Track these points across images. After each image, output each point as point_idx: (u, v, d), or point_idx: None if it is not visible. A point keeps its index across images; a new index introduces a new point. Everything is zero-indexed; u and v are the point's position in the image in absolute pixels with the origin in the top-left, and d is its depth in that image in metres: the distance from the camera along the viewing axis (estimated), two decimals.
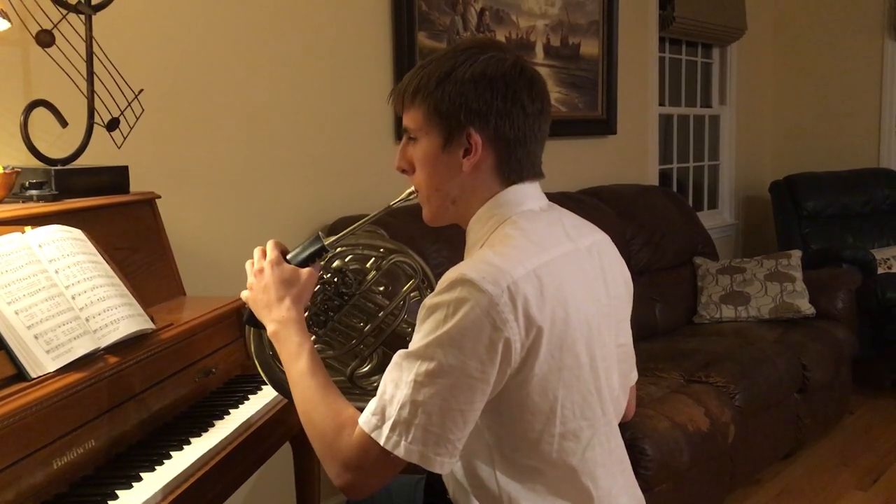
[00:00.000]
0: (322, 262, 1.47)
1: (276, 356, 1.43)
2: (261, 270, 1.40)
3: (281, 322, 1.36)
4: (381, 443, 1.17)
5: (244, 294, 1.43)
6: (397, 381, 1.18)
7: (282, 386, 1.43)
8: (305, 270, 1.40)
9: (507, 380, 1.20)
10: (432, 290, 1.54)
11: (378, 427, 1.18)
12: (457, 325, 1.15)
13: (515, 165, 1.29)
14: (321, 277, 1.49)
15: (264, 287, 1.38)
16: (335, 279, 1.50)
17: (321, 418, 1.25)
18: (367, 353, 1.51)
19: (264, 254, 1.42)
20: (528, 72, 1.29)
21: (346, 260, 1.52)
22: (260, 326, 1.42)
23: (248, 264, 1.43)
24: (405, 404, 1.16)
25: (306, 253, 1.42)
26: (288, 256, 1.42)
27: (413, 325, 1.54)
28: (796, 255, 4.09)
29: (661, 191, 4.49)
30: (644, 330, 3.72)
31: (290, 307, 1.36)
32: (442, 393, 1.15)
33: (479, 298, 1.15)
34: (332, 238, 1.46)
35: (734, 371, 3.16)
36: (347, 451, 1.21)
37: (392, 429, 1.17)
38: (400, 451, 1.16)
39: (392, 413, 1.17)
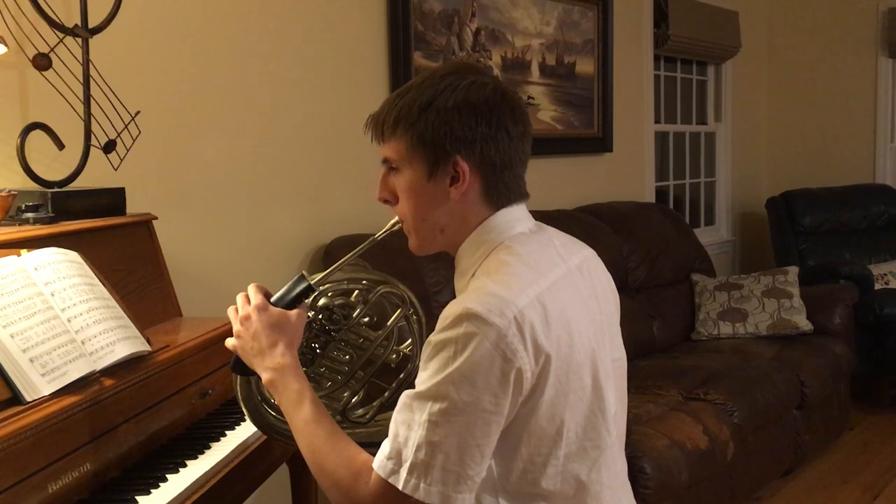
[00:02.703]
0: (308, 301, 1.43)
1: (264, 401, 1.42)
2: (247, 317, 1.35)
3: (276, 369, 1.32)
4: (400, 487, 1.15)
5: (230, 342, 1.38)
6: (409, 423, 1.16)
7: (273, 430, 1.42)
8: (294, 312, 1.36)
9: (518, 408, 1.19)
10: (419, 317, 1.53)
11: (395, 472, 1.16)
12: (467, 360, 1.13)
13: (503, 189, 1.29)
14: (307, 316, 1.44)
15: (253, 334, 1.34)
16: (320, 316, 1.47)
17: (334, 467, 1.23)
18: (359, 386, 1.49)
19: (248, 299, 1.37)
20: (509, 95, 1.29)
21: (331, 296, 1.49)
22: (248, 373, 1.38)
23: (230, 311, 1.39)
24: (421, 446, 1.14)
25: (292, 294, 1.37)
26: (272, 299, 1.37)
27: (398, 353, 1.54)
28: (793, 271, 4.09)
29: (657, 208, 4.50)
30: (642, 347, 3.72)
31: (285, 352, 1.32)
32: (458, 431, 1.14)
33: (487, 332, 1.13)
34: (318, 276, 1.42)
35: (732, 388, 3.15)
36: (366, 499, 1.19)
37: (410, 472, 1.15)
38: (420, 494, 1.15)
39: (408, 455, 1.15)
